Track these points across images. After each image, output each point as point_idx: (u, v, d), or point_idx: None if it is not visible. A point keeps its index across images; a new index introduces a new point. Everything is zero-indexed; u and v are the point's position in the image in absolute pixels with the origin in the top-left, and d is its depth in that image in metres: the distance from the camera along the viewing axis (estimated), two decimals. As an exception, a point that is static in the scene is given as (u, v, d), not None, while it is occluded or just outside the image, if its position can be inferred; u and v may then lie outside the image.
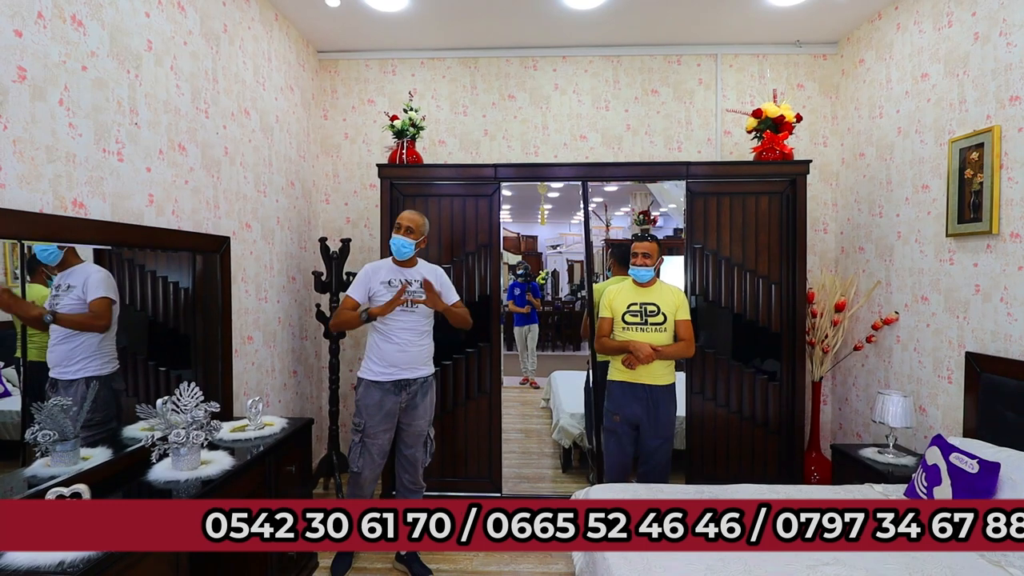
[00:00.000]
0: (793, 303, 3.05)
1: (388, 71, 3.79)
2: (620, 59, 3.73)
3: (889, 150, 3.14)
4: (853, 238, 3.48)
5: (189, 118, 2.34)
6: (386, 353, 2.41)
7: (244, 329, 2.77)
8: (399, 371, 2.42)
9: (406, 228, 2.44)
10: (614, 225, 4.71)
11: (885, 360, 3.16)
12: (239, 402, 2.69)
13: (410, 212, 2.50)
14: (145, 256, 2.14)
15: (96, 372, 1.90)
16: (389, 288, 2.43)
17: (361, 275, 2.48)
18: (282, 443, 2.27)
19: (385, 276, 2.46)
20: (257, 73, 2.93)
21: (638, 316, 2.61)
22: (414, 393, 2.46)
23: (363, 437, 2.41)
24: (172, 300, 2.36)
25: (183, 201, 2.30)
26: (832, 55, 3.68)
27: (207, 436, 1.86)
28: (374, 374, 2.42)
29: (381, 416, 2.40)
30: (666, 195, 3.91)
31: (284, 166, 3.25)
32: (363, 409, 2.42)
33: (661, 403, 2.60)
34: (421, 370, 2.48)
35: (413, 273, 2.49)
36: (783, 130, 3.08)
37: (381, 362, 2.41)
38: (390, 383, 2.41)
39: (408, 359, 2.42)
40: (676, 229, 4.33)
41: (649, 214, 4.15)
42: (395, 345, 2.41)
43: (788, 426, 3.08)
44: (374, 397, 2.40)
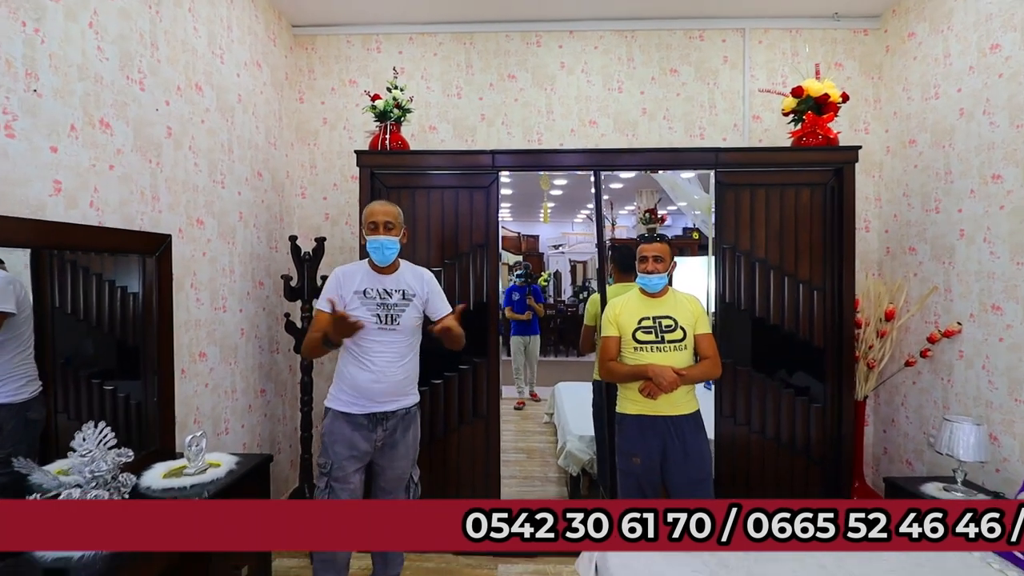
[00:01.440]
0: (839, 313, 2.62)
1: (372, 48, 3.35)
2: (635, 34, 3.29)
3: (948, 135, 2.71)
4: (901, 237, 3.05)
5: (116, 89, 1.90)
6: (358, 382, 1.97)
7: (195, 344, 2.33)
8: (374, 404, 1.99)
9: (384, 224, 1.99)
10: (619, 224, 4.29)
11: (943, 378, 2.73)
12: (187, 433, 2.25)
13: (381, 203, 2.05)
14: (90, 258, 1.79)
15: (8, 399, 1.52)
16: (365, 300, 1.98)
17: (330, 282, 2.04)
18: (229, 490, 1.83)
19: (360, 284, 2.01)
20: (213, 43, 2.49)
21: (652, 333, 2.17)
22: (392, 429, 2.02)
23: (330, 481, 1.97)
24: (121, 307, 1.96)
25: (106, 191, 1.86)
26: (875, 30, 3.25)
27: (113, 495, 1.43)
28: (343, 404, 1.99)
29: (351, 455, 1.98)
30: (678, 190, 3.48)
31: (249, 153, 2.81)
32: (329, 446, 1.98)
33: (689, 435, 2.17)
34: (401, 400, 2.04)
35: (395, 280, 2.05)
36: (827, 111, 2.65)
37: (351, 391, 1.98)
38: (363, 416, 1.98)
39: (385, 389, 1.98)
40: (686, 229, 3.93)
41: (656, 212, 3.75)
42: (369, 373, 1.96)
43: (834, 455, 2.65)
44: (343, 432, 1.98)
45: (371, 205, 2.05)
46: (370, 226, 2.00)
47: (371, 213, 2.01)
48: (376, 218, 1.99)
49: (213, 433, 2.47)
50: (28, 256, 1.55)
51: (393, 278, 2.05)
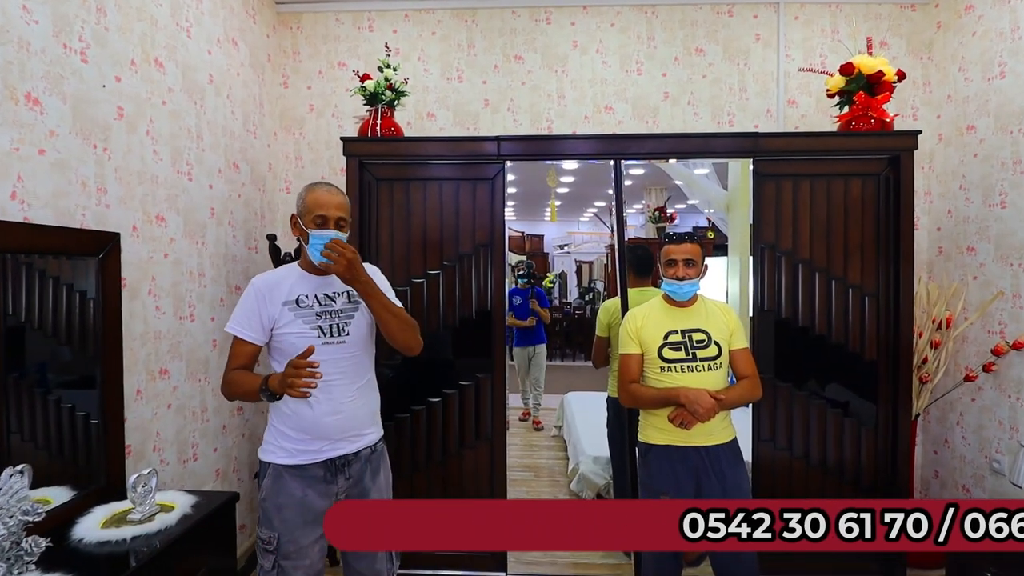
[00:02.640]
0: (896, 322, 2.29)
1: (363, 26, 3.02)
2: (656, 10, 2.95)
3: (1017, 119, 2.37)
4: (957, 235, 2.71)
5: (49, 58, 1.58)
6: (305, 419, 1.50)
7: (154, 360, 2.02)
8: (331, 445, 1.54)
9: (337, 220, 1.54)
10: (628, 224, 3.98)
11: (1011, 396, 2.39)
12: (146, 460, 1.93)
13: (330, 191, 1.57)
14: (47, 261, 1.55)
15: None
16: (299, 311, 1.53)
17: (248, 298, 1.55)
18: (182, 540, 1.51)
19: (291, 292, 1.55)
20: (177, 14, 2.17)
21: (682, 350, 1.84)
22: (358, 476, 1.59)
23: (279, 560, 1.50)
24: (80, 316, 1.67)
25: (34, 179, 1.54)
26: (923, 4, 2.91)
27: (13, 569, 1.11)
28: (288, 454, 1.52)
29: (306, 521, 1.52)
30: (695, 186, 3.16)
31: (223, 141, 2.49)
32: (273, 514, 1.51)
33: (727, 468, 1.84)
34: (365, 435, 1.61)
35: (336, 282, 1.58)
36: (881, 91, 2.32)
37: (298, 434, 1.52)
38: (316, 465, 1.53)
39: (343, 424, 1.54)
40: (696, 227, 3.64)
41: (666, 210, 3.44)
42: (319, 405, 1.49)
43: (887, 483, 2.32)
44: (292, 492, 1.51)
45: (316, 191, 1.55)
46: (317, 219, 1.52)
47: (319, 203, 1.53)
48: (327, 211, 1.52)
49: (179, 461, 2.15)
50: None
51: (334, 278, 1.57)
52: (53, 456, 1.61)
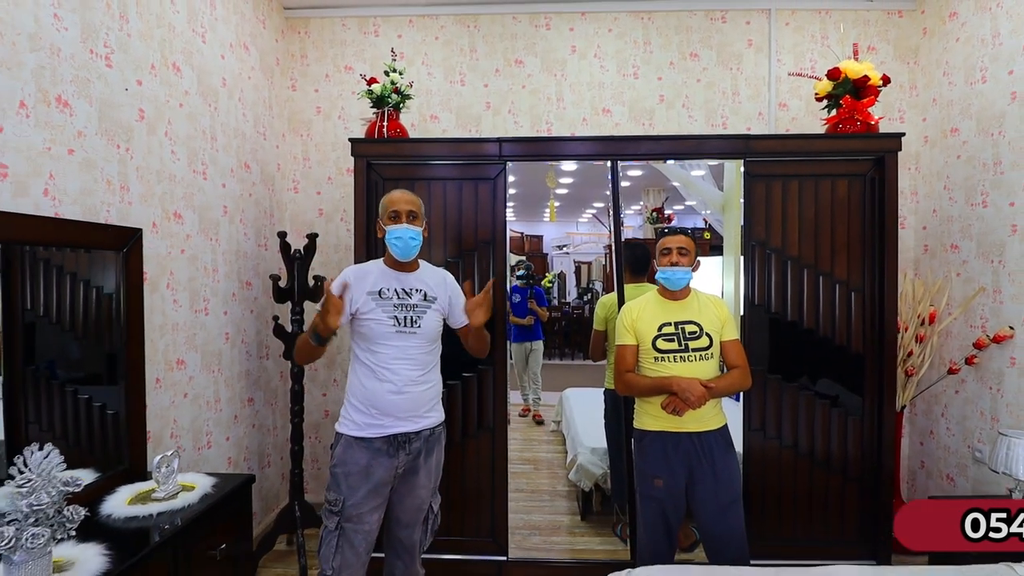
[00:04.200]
0: (881, 316, 2.39)
1: (369, 31, 3.13)
2: (652, 16, 3.06)
3: (997, 123, 2.48)
4: (942, 234, 2.82)
5: (77, 63, 1.68)
6: (375, 396, 1.70)
7: (172, 350, 2.11)
8: (395, 422, 1.71)
9: (408, 214, 1.75)
10: (625, 224, 4.07)
11: (992, 387, 2.49)
12: (164, 446, 2.03)
13: (402, 192, 1.82)
14: (64, 256, 1.63)
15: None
16: (380, 301, 1.73)
17: (337, 281, 1.75)
18: (203, 517, 1.61)
19: (375, 284, 1.75)
20: (194, 20, 2.27)
21: (674, 341, 1.94)
22: (416, 452, 1.76)
23: (342, 521, 1.68)
24: (97, 310, 1.75)
25: (64, 178, 1.64)
26: (910, 11, 3.01)
27: (56, 532, 1.20)
28: (358, 427, 1.71)
29: (369, 489, 1.69)
30: (691, 187, 3.26)
31: (235, 143, 2.59)
32: (342, 479, 1.70)
33: (718, 454, 1.94)
34: (427, 418, 1.78)
35: (415, 279, 1.81)
36: (867, 95, 2.42)
37: (368, 409, 1.71)
38: (381, 440, 1.71)
39: (407, 404, 1.72)
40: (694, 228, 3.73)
41: (663, 211, 3.54)
42: (388, 384, 1.70)
43: (872, 472, 2.41)
44: (358, 461, 1.69)
45: (391, 194, 1.81)
46: (391, 215, 1.76)
47: (392, 201, 1.78)
48: (399, 206, 1.76)
49: (194, 448, 2.25)
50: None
51: (413, 276, 1.81)
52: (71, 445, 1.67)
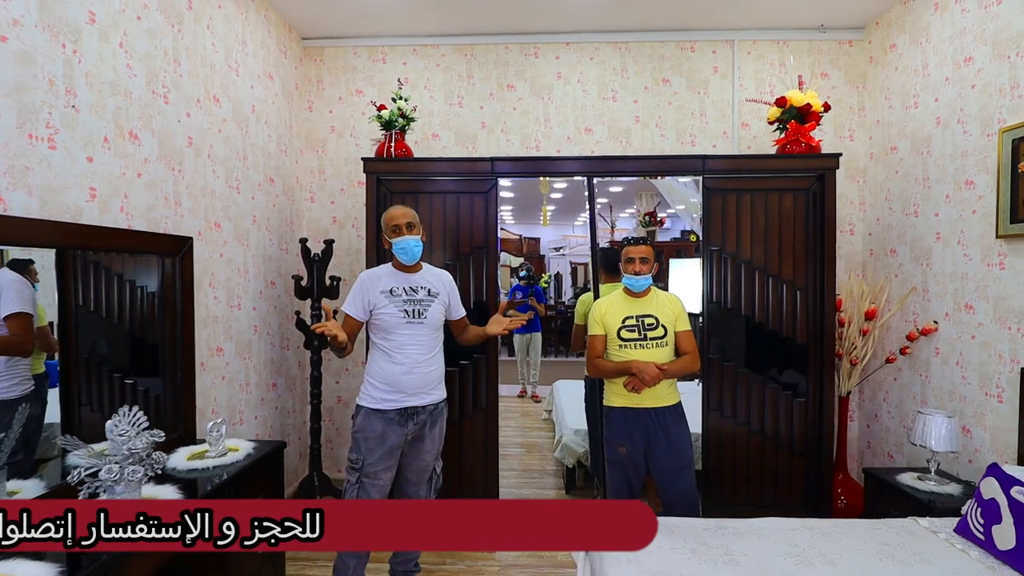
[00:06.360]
0: (821, 311, 2.76)
1: (378, 59, 3.51)
2: (628, 46, 3.44)
3: (926, 143, 2.85)
4: (884, 240, 3.19)
5: (143, 103, 2.07)
6: (389, 375, 2.08)
7: (212, 340, 2.49)
8: (405, 397, 2.09)
9: (407, 225, 2.13)
10: (619, 227, 4.42)
11: (922, 374, 2.86)
12: (207, 421, 2.41)
13: (398, 208, 2.19)
14: (111, 259, 1.92)
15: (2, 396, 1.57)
16: (392, 298, 2.10)
17: (356, 287, 2.14)
18: (246, 472, 1.99)
19: (386, 284, 2.13)
20: (229, 57, 2.66)
21: (635, 331, 2.32)
22: (422, 423, 2.14)
23: (361, 476, 2.07)
24: (141, 306, 2.11)
25: (135, 197, 2.02)
26: (859, 41, 3.39)
27: (147, 471, 1.58)
28: (375, 400, 2.09)
29: (383, 452, 2.08)
30: (675, 194, 3.63)
31: (262, 160, 2.98)
32: (362, 443, 2.08)
33: (672, 425, 2.31)
34: (432, 395, 2.16)
35: (419, 279, 2.18)
36: (809, 120, 2.79)
37: (383, 386, 2.09)
38: (394, 412, 2.09)
39: (416, 382, 2.10)
40: (683, 231, 4.06)
41: (655, 215, 3.88)
42: (400, 366, 2.08)
43: (815, 447, 2.78)
44: (375, 429, 2.07)
45: (389, 211, 2.17)
46: (393, 229, 2.12)
47: (392, 218, 2.14)
48: (398, 221, 2.12)
49: (229, 423, 2.63)
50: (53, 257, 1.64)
51: (418, 276, 2.18)
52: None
